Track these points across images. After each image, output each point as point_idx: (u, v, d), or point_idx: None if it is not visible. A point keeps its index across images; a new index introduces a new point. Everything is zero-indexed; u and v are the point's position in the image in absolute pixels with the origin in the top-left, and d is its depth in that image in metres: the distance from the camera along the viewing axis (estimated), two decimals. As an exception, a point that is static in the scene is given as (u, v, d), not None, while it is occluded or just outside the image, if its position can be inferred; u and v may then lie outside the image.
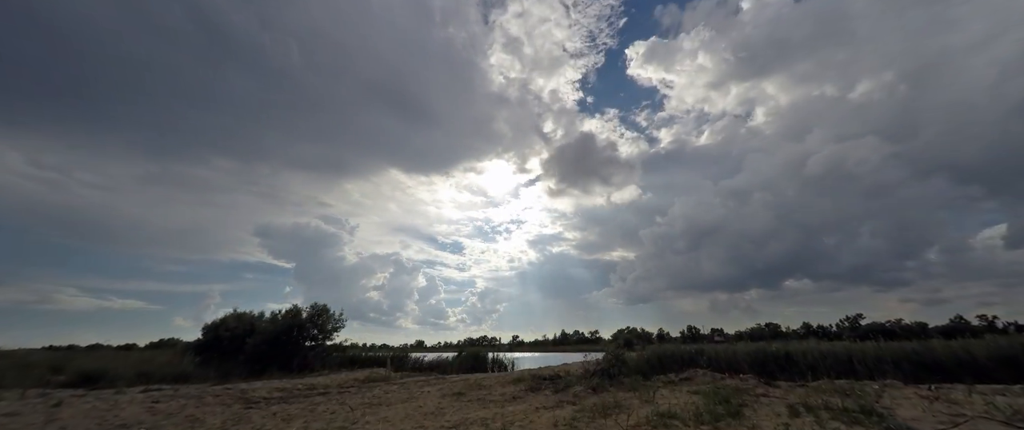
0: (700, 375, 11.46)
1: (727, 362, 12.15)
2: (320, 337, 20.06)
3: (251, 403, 9.71)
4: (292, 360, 18.03)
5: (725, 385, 9.48)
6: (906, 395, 7.32)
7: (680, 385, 10.04)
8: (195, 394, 10.23)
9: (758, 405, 7.14)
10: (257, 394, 10.80)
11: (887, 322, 54.22)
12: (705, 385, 9.60)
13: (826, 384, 8.75)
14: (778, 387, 9.14)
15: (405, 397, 10.74)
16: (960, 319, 52.80)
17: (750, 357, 11.90)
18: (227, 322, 18.30)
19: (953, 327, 41.90)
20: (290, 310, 19.84)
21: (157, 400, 9.30)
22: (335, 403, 9.84)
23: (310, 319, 19.78)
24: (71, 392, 10.40)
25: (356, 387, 13.25)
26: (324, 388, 12.77)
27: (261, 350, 17.38)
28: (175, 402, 9.21)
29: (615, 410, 7.06)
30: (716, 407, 6.75)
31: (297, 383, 13.66)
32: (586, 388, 10.06)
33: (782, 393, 8.20)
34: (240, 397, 10.23)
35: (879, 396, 7.21)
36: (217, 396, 10.12)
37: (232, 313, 19.16)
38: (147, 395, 9.89)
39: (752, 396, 7.98)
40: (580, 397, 9.04)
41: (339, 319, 20.80)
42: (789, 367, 11.05)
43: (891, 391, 7.77)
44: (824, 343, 12.85)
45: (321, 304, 20.53)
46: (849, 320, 62.79)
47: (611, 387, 10.08)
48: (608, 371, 11.58)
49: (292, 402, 10.05)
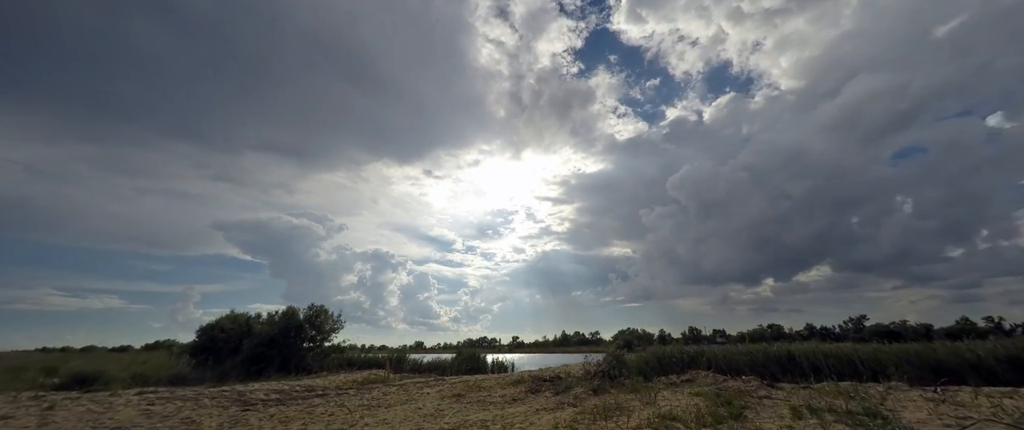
0: (702, 376, 11.45)
1: (729, 363, 12.13)
2: (318, 338, 20.04)
3: (248, 405, 9.69)
4: (290, 361, 18.01)
5: (727, 387, 9.46)
6: (911, 397, 7.30)
7: (682, 387, 10.02)
8: (191, 396, 10.21)
9: (761, 407, 7.13)
10: (254, 396, 10.77)
11: (891, 323, 54.25)
12: (707, 387, 9.58)
13: (830, 386, 8.72)
14: (781, 389, 9.13)
15: (404, 399, 10.72)
16: (966, 320, 52.84)
17: (752, 358, 11.87)
18: (223, 323, 18.28)
19: (959, 329, 41.88)
20: (287, 311, 19.82)
21: (152, 402, 9.27)
22: (333, 405, 9.82)
23: (308, 320, 19.76)
24: (65, 394, 10.37)
25: (354, 389, 13.23)
26: (322, 390, 12.74)
27: (258, 351, 17.36)
28: (171, 404, 9.19)
29: (616, 412, 7.03)
30: (718, 409, 6.74)
31: (295, 385, 13.63)
32: (587, 390, 10.03)
33: (785, 395, 8.18)
34: (237, 399, 10.20)
35: (884, 398, 7.19)
36: (214, 398, 10.09)
37: (228, 314, 19.15)
38: (142, 397, 9.86)
39: (754, 398, 7.97)
40: (581, 399, 9.01)
41: (337, 320, 20.84)
42: (792, 369, 11.03)
43: (896, 393, 7.75)
44: (827, 344, 12.84)
45: (318, 305, 20.53)
46: (853, 321, 62.84)
47: (612, 389, 10.06)
48: (609, 372, 11.56)
49: (290, 404, 10.04)
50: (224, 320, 18.62)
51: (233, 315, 19.22)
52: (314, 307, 20.36)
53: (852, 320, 63.20)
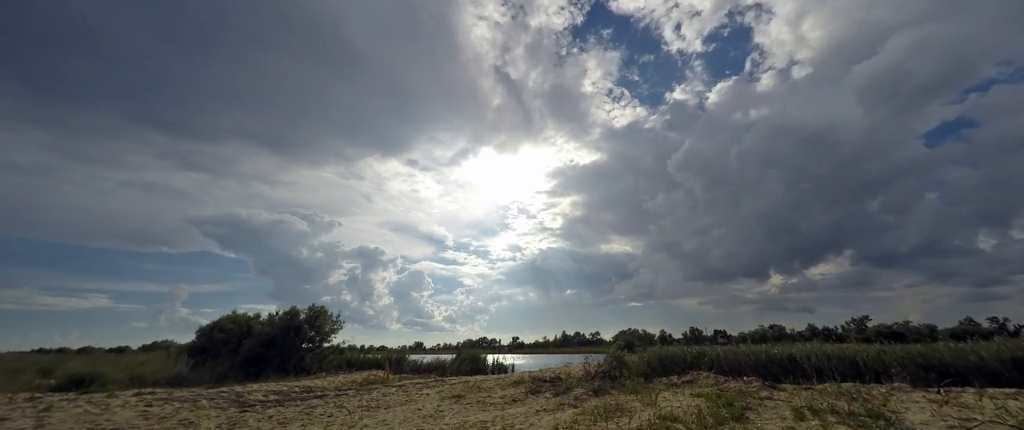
0: (703, 377, 11.44)
1: (731, 364, 12.12)
2: (317, 339, 20.07)
3: (247, 406, 9.70)
4: (288, 362, 18.03)
5: (728, 388, 9.45)
6: (914, 398, 7.28)
7: (683, 388, 10.01)
8: (189, 397, 10.21)
9: (762, 408, 7.12)
10: (253, 397, 10.78)
11: (894, 324, 54.07)
12: (708, 388, 9.57)
13: (832, 387, 8.71)
14: (783, 390, 9.11)
15: (403, 400, 10.73)
16: (970, 321, 52.70)
17: (754, 359, 11.86)
18: (223, 323, 18.31)
19: (963, 330, 41.79)
20: (287, 312, 19.84)
21: (150, 404, 9.28)
22: (332, 406, 9.83)
23: (307, 321, 19.78)
24: (61, 396, 10.36)
25: (353, 390, 13.24)
26: (321, 391, 12.75)
27: (257, 352, 17.38)
28: (169, 406, 9.19)
29: (617, 413, 7.02)
30: (719, 410, 6.73)
31: (294, 386, 13.64)
32: (587, 391, 10.03)
33: (787, 396, 8.16)
34: (235, 400, 10.21)
35: (887, 399, 7.17)
36: (212, 399, 10.10)
37: (228, 314, 19.18)
38: (140, 398, 9.86)
39: (756, 399, 7.96)
40: (581, 400, 9.00)
41: (337, 321, 20.86)
42: (794, 370, 11.01)
43: (899, 394, 7.73)
44: (829, 345, 12.81)
45: (318, 306, 20.57)
46: (855, 322, 62.71)
47: (612, 390, 10.06)
48: (609, 373, 11.55)
49: (288, 405, 10.04)
50: (224, 320, 18.67)
51: (233, 315, 19.28)
52: (314, 308, 20.40)
53: (855, 321, 63.09)
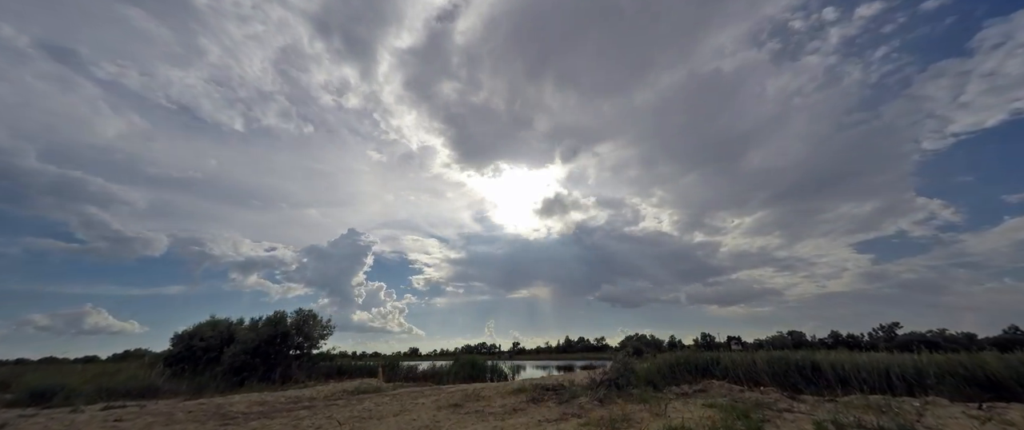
0: (716, 386, 11.33)
1: (746, 372, 11.99)
2: (306, 345, 20.06)
3: (228, 419, 9.63)
4: (274, 371, 18.01)
5: (744, 398, 9.33)
6: (952, 414, 7.12)
7: (694, 397, 9.90)
8: (164, 410, 10.17)
9: (781, 421, 6.98)
10: (235, 409, 10.73)
11: (928, 331, 53.56)
12: (721, 398, 9.46)
13: (859, 399, 8.56)
14: (804, 402, 8.97)
15: (397, 409, 10.65)
16: (1015, 330, 51.82)
17: (771, 367, 11.70)
18: (202, 331, 18.31)
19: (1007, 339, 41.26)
20: (272, 317, 19.84)
21: (120, 418, 9.22)
22: (322, 417, 9.74)
23: (295, 326, 19.77)
24: (19, 412, 10.22)
25: (344, 399, 13.17)
26: (309, 401, 12.70)
27: (240, 361, 17.36)
28: (140, 420, 9.13)
29: (623, 424, 6.93)
30: (734, 422, 6.62)
31: (280, 396, 13.61)
32: (592, 399, 9.93)
33: (808, 408, 8.03)
34: (215, 413, 10.16)
35: (921, 414, 7.02)
36: (189, 412, 10.05)
37: (208, 321, 19.18)
38: (108, 413, 9.80)
39: (774, 411, 7.82)
40: (586, 409, 8.91)
41: (327, 326, 20.84)
42: (816, 379, 10.86)
43: (935, 409, 7.57)
44: (857, 354, 12.64)
45: (307, 310, 20.57)
46: (883, 329, 62.28)
47: (619, 399, 9.96)
48: (616, 381, 11.45)
49: (274, 417, 9.96)
50: (204, 327, 18.65)
51: (213, 321, 19.26)
52: (302, 312, 20.40)
53: (883, 328, 62.72)
